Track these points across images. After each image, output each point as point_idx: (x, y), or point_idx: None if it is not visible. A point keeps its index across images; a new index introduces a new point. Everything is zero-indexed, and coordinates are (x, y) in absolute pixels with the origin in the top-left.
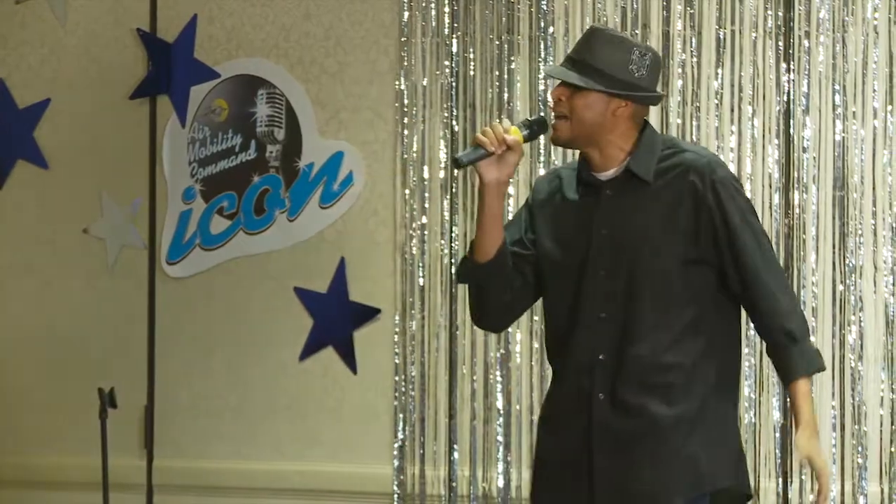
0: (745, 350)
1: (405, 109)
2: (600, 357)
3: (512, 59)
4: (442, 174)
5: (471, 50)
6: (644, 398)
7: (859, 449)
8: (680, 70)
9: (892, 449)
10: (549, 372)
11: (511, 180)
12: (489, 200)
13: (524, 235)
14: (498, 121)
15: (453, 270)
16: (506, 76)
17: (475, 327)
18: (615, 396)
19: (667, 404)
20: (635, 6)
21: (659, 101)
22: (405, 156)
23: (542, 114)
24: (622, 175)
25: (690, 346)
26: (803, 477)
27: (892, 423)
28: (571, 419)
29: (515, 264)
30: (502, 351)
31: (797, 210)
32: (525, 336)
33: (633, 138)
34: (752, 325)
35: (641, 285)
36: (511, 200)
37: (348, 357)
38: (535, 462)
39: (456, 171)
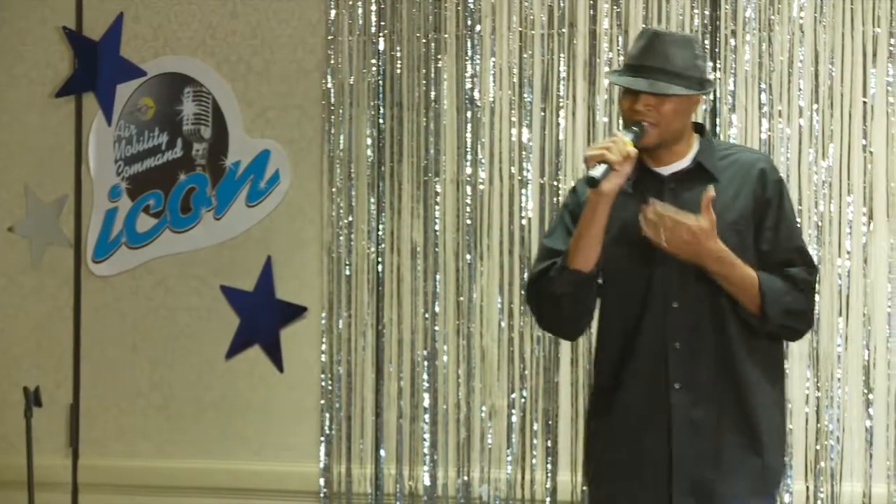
0: None
1: (332, 108)
2: (676, 345)
3: (439, 57)
4: (369, 172)
5: (398, 48)
6: (722, 387)
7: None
8: (607, 69)
9: (818, 447)
10: (476, 369)
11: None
12: (603, 210)
13: None
14: (615, 133)
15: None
16: (433, 74)
17: (400, 326)
18: (692, 385)
19: (744, 394)
20: (562, 5)
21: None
22: (332, 154)
23: (636, 122)
24: (687, 169)
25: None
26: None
27: (817, 422)
28: (646, 410)
29: None
30: (429, 349)
31: None
32: (452, 334)
33: (694, 138)
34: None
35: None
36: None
37: (275, 355)
38: (602, 461)
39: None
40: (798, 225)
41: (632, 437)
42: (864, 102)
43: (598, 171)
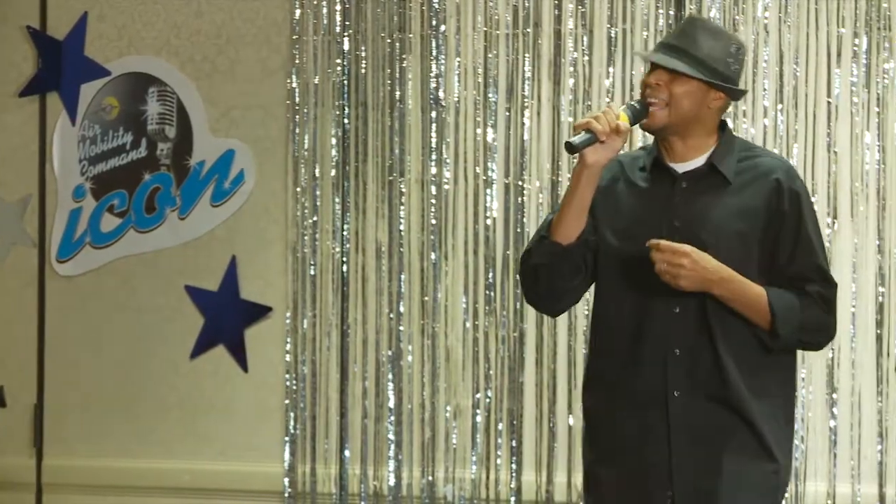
0: None
1: (297, 107)
2: (676, 352)
3: (403, 57)
4: (333, 172)
5: (362, 48)
6: (724, 394)
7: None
8: (572, 69)
9: None
10: (441, 369)
11: None
12: (585, 183)
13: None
14: (608, 105)
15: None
16: (397, 74)
17: (364, 326)
18: (692, 393)
19: (747, 401)
20: (527, 5)
21: (743, 96)
22: (296, 154)
23: (640, 99)
24: (701, 169)
25: (759, 344)
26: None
27: None
28: (644, 416)
29: (582, 251)
30: (393, 349)
31: None
32: (417, 334)
33: (716, 134)
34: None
35: None
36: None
37: (239, 355)
38: (595, 467)
39: (570, 154)
40: (819, 239)
41: (631, 446)
42: (829, 102)
43: (577, 137)
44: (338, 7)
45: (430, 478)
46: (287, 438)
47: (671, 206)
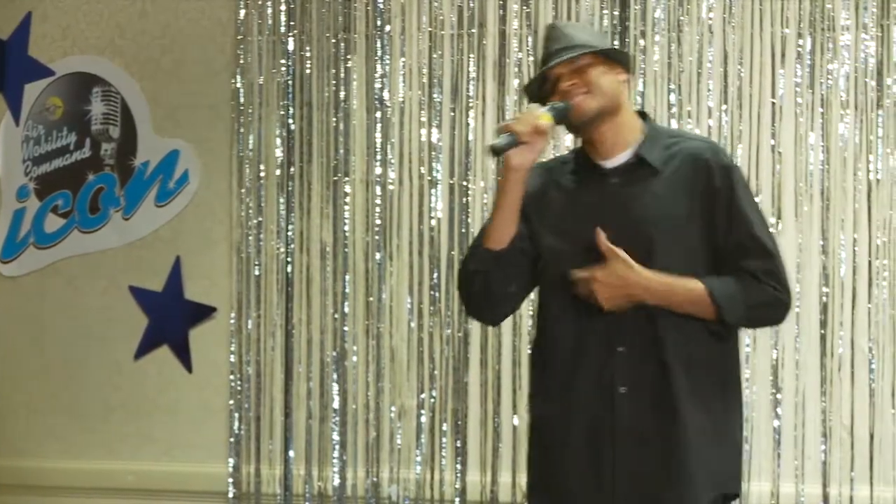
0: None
1: (241, 107)
2: (619, 349)
3: (348, 57)
4: (278, 172)
5: (307, 48)
6: (667, 392)
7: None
8: (516, 69)
9: None
10: (386, 370)
11: None
12: (512, 186)
13: (518, 228)
14: (528, 107)
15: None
16: (342, 74)
17: (309, 326)
18: (637, 390)
19: (689, 400)
20: (472, 5)
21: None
22: (241, 154)
23: (564, 101)
24: (629, 163)
25: (709, 335)
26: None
27: None
28: (590, 415)
29: (517, 257)
30: (338, 350)
31: None
32: (362, 335)
33: (639, 125)
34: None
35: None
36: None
37: (183, 355)
38: (541, 466)
39: (493, 157)
40: (757, 213)
41: (578, 444)
42: (773, 103)
43: (499, 140)
44: (282, 7)
45: (375, 478)
46: (231, 439)
47: (603, 203)
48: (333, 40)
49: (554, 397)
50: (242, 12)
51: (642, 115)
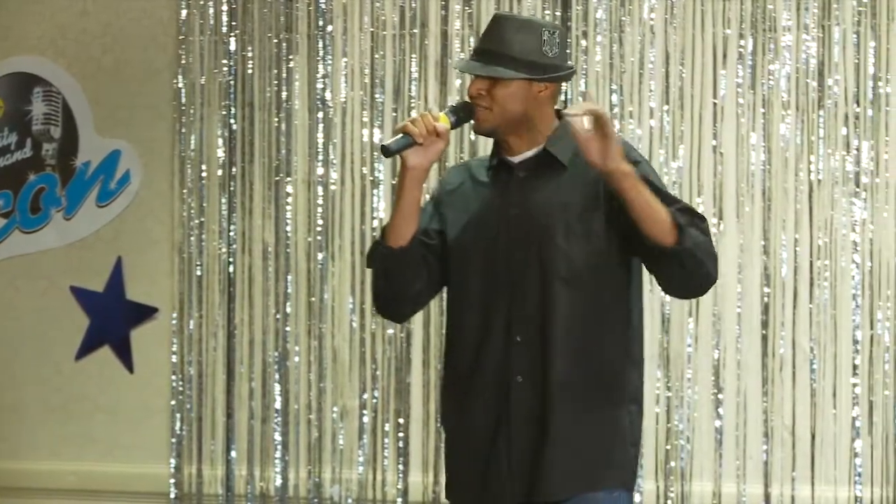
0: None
1: (183, 108)
2: (517, 339)
3: (290, 57)
4: (220, 172)
5: (249, 48)
6: (564, 381)
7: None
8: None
9: (668, 447)
10: (328, 370)
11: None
12: (410, 186)
13: (429, 226)
14: (427, 109)
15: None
16: (284, 74)
17: (251, 326)
18: (535, 379)
19: (588, 390)
20: (414, 6)
21: (573, 76)
22: (183, 154)
23: (466, 100)
24: (537, 157)
25: (607, 328)
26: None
27: (667, 421)
28: (489, 403)
29: (422, 254)
30: (280, 350)
31: None
32: (304, 335)
33: (553, 122)
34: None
35: (556, 263)
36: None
37: (125, 356)
38: (449, 461)
39: (385, 157)
40: (663, 184)
41: (479, 438)
42: (714, 103)
43: (393, 141)
44: (224, 7)
45: (317, 478)
46: (173, 439)
47: (507, 195)
48: (275, 40)
49: (459, 391)
50: (184, 12)
51: (559, 114)
